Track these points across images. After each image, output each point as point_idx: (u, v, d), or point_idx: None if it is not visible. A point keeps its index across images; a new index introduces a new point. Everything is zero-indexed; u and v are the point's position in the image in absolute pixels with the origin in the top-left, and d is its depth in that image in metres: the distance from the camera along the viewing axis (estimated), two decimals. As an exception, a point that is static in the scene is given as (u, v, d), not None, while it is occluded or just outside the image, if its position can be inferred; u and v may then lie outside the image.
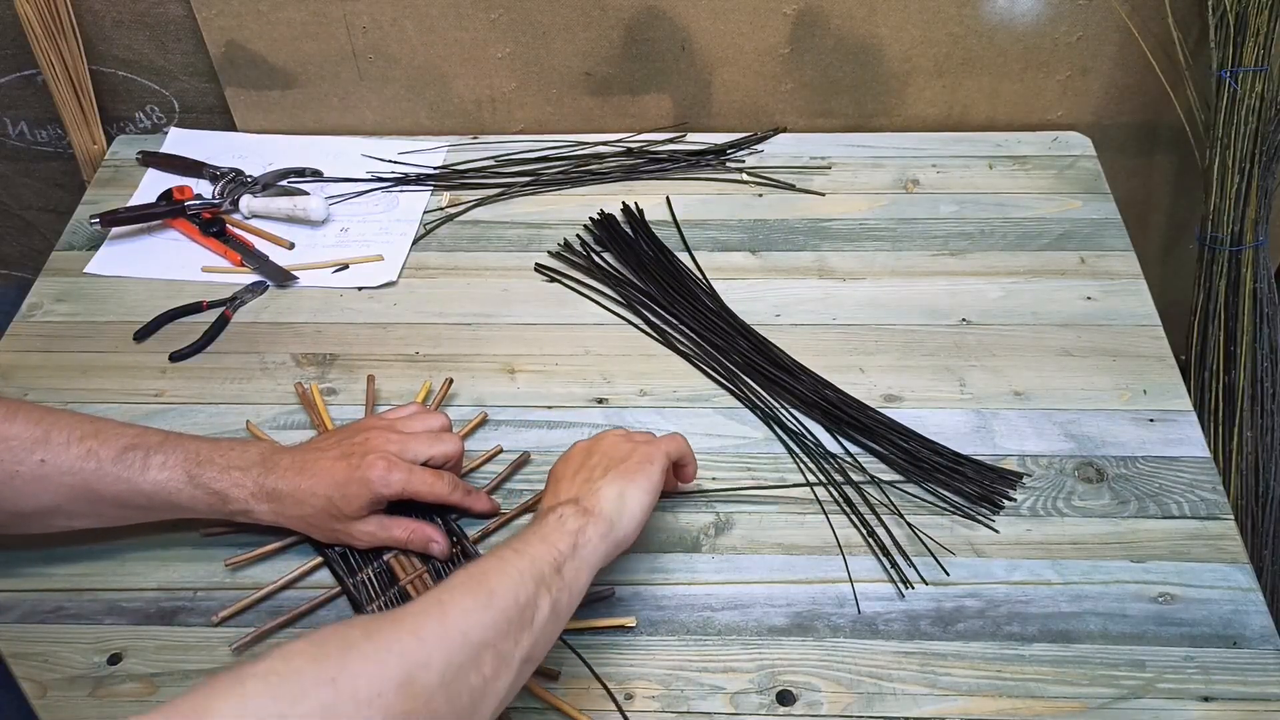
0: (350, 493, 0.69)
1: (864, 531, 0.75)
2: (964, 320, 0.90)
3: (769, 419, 0.83)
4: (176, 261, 0.98)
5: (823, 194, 1.03)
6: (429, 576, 0.72)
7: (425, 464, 0.72)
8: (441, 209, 1.03)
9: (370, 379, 0.85)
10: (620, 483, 0.66)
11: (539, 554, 0.59)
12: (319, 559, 0.73)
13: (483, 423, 0.82)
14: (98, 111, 1.11)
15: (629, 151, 1.08)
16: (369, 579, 0.71)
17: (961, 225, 0.99)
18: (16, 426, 0.68)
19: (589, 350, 0.89)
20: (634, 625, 0.70)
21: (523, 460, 0.80)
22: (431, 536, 0.72)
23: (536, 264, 0.96)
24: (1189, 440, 0.81)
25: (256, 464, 0.70)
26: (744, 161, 1.07)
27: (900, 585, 0.72)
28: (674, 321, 0.91)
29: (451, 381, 0.85)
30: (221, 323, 0.91)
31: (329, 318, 0.93)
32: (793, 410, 0.84)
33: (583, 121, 1.11)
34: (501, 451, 0.81)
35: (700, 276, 0.95)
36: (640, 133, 1.10)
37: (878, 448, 0.80)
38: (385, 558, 0.72)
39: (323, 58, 1.08)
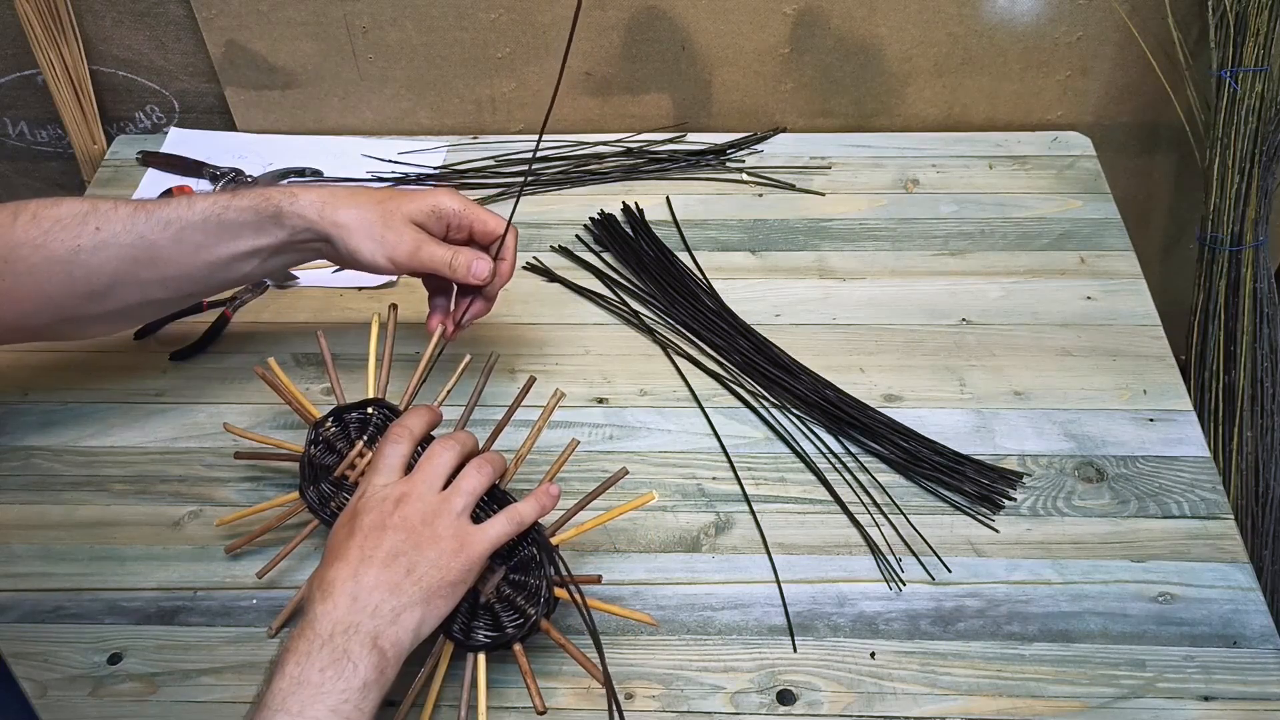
0: (419, 194, 0.73)
1: (864, 531, 0.75)
2: (964, 320, 0.90)
3: (769, 419, 0.83)
4: (176, 261, 0.98)
5: (823, 194, 1.03)
6: None
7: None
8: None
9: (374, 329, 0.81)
10: (427, 610, 0.59)
11: None
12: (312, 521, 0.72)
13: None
14: (98, 111, 1.11)
15: (629, 151, 1.08)
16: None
17: (961, 225, 0.99)
18: (64, 207, 0.71)
19: (589, 350, 0.89)
20: (654, 499, 0.68)
21: (492, 361, 0.79)
22: (475, 256, 0.73)
23: (527, 263, 0.96)
24: (1189, 440, 0.81)
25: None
26: (744, 161, 1.07)
27: (898, 585, 0.72)
28: (674, 322, 0.91)
29: (396, 307, 0.82)
30: (221, 323, 0.91)
31: (329, 318, 0.93)
32: (793, 410, 0.84)
33: (583, 121, 1.11)
34: (469, 360, 0.78)
35: (700, 276, 0.95)
36: (640, 133, 1.10)
37: (878, 448, 0.80)
38: None
39: (323, 58, 1.08)
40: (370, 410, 0.76)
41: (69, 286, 0.70)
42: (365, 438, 0.74)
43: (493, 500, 0.67)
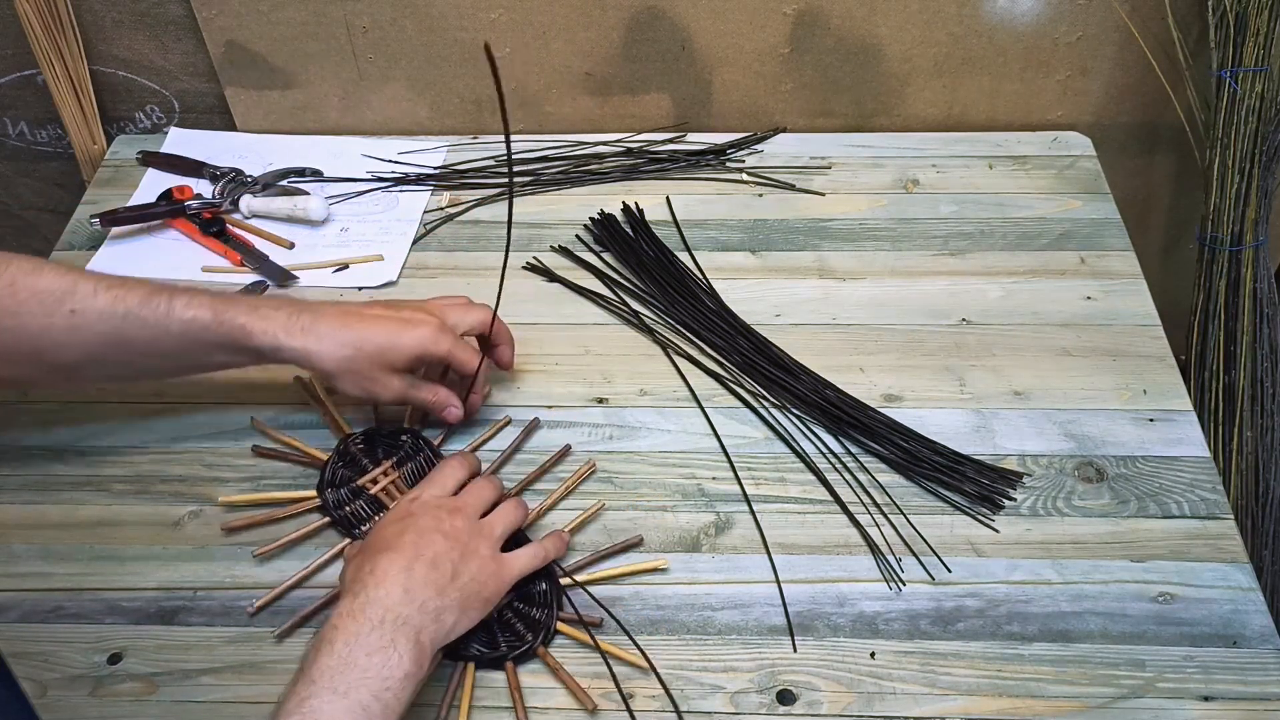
0: (403, 344, 0.73)
1: (864, 531, 0.75)
2: (964, 320, 0.90)
3: (769, 419, 0.83)
4: (176, 261, 0.98)
5: (823, 194, 1.03)
6: None
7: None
8: (441, 209, 1.03)
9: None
10: (461, 617, 0.63)
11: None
12: (341, 543, 0.74)
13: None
14: (98, 111, 1.11)
15: (629, 151, 1.08)
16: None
17: (961, 225, 0.99)
18: (44, 280, 0.70)
19: (589, 350, 0.89)
20: (666, 567, 0.72)
21: (533, 425, 0.82)
22: (450, 402, 0.78)
23: (526, 263, 0.96)
24: (1189, 440, 0.81)
25: (287, 306, 0.73)
26: (744, 161, 1.07)
27: (898, 585, 0.72)
28: (674, 322, 0.91)
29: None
30: (221, 323, 0.91)
31: (329, 318, 0.93)
32: (793, 410, 0.84)
33: (583, 121, 1.11)
34: (509, 422, 0.83)
35: (700, 276, 0.95)
36: (640, 133, 1.10)
37: (878, 448, 0.80)
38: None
39: (323, 58, 1.08)
40: (404, 438, 0.79)
41: (36, 358, 0.70)
42: (394, 460, 0.78)
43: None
